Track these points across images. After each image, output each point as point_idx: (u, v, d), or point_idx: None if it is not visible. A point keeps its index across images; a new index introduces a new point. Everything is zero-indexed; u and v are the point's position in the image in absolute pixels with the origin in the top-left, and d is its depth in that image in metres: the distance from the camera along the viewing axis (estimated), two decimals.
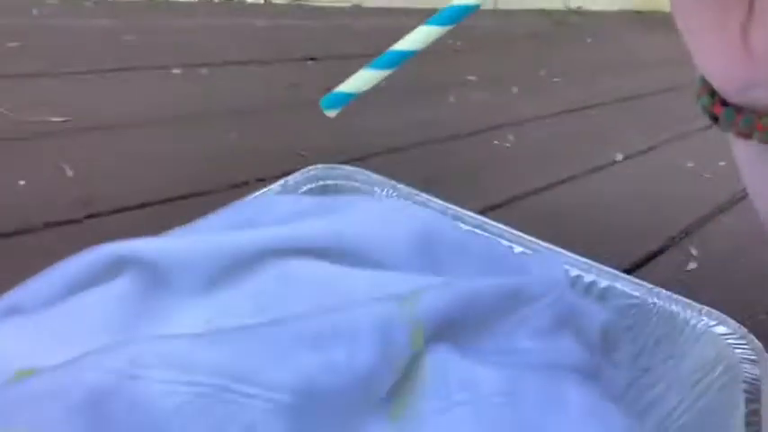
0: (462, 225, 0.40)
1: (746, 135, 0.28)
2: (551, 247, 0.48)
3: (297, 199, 0.37)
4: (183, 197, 0.68)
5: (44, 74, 0.98)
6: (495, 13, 2.26)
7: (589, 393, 0.26)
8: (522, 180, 0.92)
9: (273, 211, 0.35)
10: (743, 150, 0.32)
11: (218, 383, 0.23)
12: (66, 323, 0.30)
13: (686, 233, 0.88)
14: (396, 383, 0.27)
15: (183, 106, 0.96)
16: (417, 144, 0.98)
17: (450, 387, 0.25)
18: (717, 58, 0.27)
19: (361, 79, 0.25)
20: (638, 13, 2.98)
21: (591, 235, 0.81)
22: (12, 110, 0.83)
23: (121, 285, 0.32)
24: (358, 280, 0.30)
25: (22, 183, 0.67)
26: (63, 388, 0.22)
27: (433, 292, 0.29)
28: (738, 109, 0.28)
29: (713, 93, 0.30)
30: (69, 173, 0.70)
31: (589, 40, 2.17)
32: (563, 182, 0.96)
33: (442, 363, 0.27)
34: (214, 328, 0.31)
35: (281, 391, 0.23)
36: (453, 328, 0.29)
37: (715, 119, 0.29)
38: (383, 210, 0.33)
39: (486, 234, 0.40)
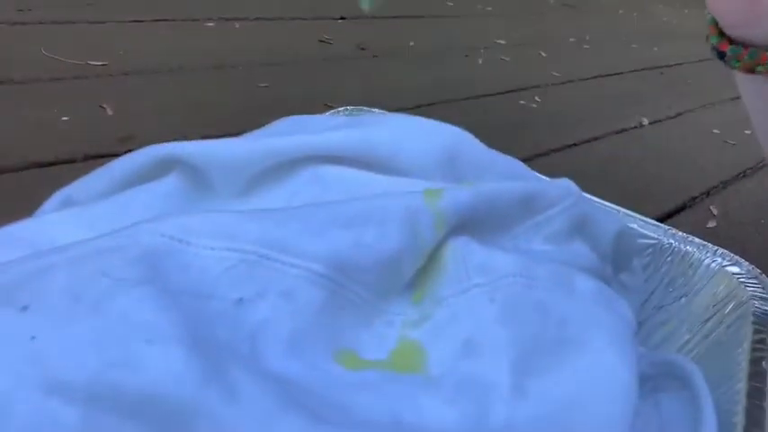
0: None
1: (751, 69, 0.31)
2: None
3: (331, 117, 0.39)
4: (216, 137, 0.71)
5: (83, 20, 1.01)
6: None
7: (596, 283, 0.28)
8: (546, 138, 0.93)
9: (309, 125, 0.37)
10: (749, 87, 0.35)
11: (262, 252, 0.25)
12: (116, 214, 0.33)
13: (708, 194, 0.89)
14: (418, 270, 0.29)
15: (216, 56, 0.98)
16: (444, 101, 0.99)
17: (468, 271, 0.28)
18: None
19: None
20: None
21: (612, 191, 0.82)
22: (54, 53, 0.86)
23: (168, 184, 0.35)
24: (386, 183, 0.32)
25: (64, 119, 0.70)
26: (120, 246, 0.24)
27: (456, 190, 0.31)
28: (744, 45, 0.30)
29: (722, 33, 0.32)
30: (110, 112, 0.73)
31: (621, 11, 2.15)
32: (587, 141, 0.97)
33: (461, 250, 0.29)
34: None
35: (317, 261, 0.25)
36: (474, 225, 0.31)
37: (723, 56, 0.31)
38: (414, 124, 0.35)
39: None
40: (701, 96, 1.34)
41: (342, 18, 1.31)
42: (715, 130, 1.16)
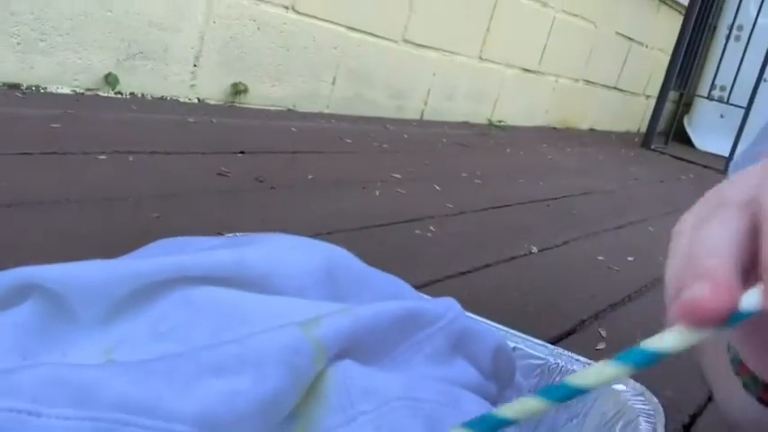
0: None
1: None
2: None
3: (209, 238, 0.38)
4: None
5: None
6: (422, 122, 2.39)
7: (482, 402, 0.27)
8: (441, 266, 0.95)
9: (186, 247, 0.36)
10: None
11: (118, 417, 0.23)
12: None
13: (596, 317, 0.92)
14: (299, 402, 0.27)
15: (107, 189, 0.96)
16: (341, 231, 1.00)
17: (352, 398, 0.26)
18: None
19: (526, 409, 0.21)
20: (555, 129, 3.19)
21: (505, 316, 0.83)
22: None
23: (22, 313, 0.32)
24: (260, 305, 0.31)
25: None
26: None
27: (334, 317, 0.30)
28: None
29: (756, 377, 0.28)
30: None
31: (509, 150, 2.30)
32: (480, 269, 0.99)
33: (342, 376, 0.28)
34: (114, 359, 0.31)
35: (182, 421, 0.24)
36: (354, 352, 0.30)
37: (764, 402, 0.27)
38: (290, 243, 0.34)
39: None
40: (586, 226, 1.42)
41: (241, 152, 1.33)
42: (600, 257, 1.22)
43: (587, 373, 0.21)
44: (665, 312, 0.22)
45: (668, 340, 0.21)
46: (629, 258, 1.26)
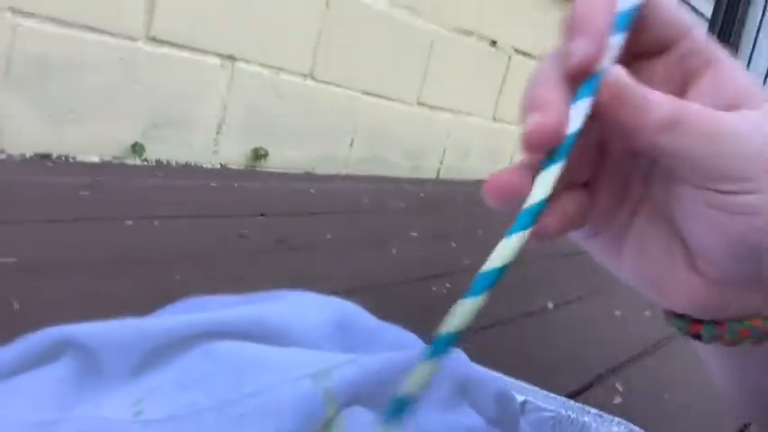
0: None
1: (734, 343, 0.26)
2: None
3: (229, 296, 0.41)
4: None
5: (2, 222, 1.02)
6: (438, 181, 2.43)
7: None
8: None
9: (208, 305, 0.38)
10: (721, 355, 0.29)
11: None
12: (7, 401, 0.32)
13: (613, 371, 0.92)
14: None
15: (133, 253, 0.99)
16: (360, 289, 1.02)
17: None
18: (681, 300, 0.26)
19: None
20: None
21: (522, 371, 0.84)
22: None
23: (59, 369, 0.35)
24: (277, 357, 0.34)
25: None
26: None
27: (344, 368, 0.32)
28: (715, 322, 0.26)
29: (679, 315, 0.27)
30: (16, 306, 0.72)
31: None
32: (497, 324, 1.00)
33: (353, 421, 0.30)
34: (143, 410, 0.34)
35: None
36: (364, 399, 0.32)
37: (697, 336, 0.26)
38: (304, 299, 0.37)
39: None
40: (602, 280, 1.43)
41: (262, 215, 1.37)
42: (616, 312, 1.23)
43: (453, 318, 0.22)
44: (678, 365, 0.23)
45: (502, 251, 0.23)
46: (647, 313, 1.27)
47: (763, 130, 0.21)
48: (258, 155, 1.83)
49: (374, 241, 1.35)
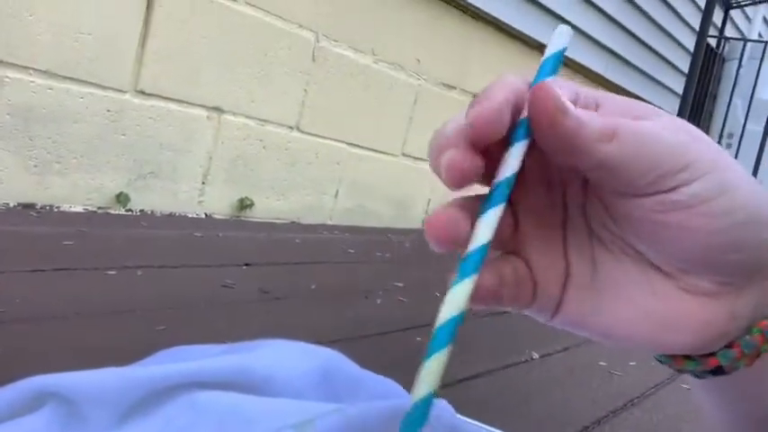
0: None
1: (755, 357, 0.25)
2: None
3: (213, 345, 0.41)
4: None
5: None
6: (422, 231, 2.44)
7: None
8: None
9: (192, 354, 0.38)
10: (726, 389, 0.27)
11: None
12: None
13: (599, 423, 0.92)
14: None
15: (116, 303, 0.99)
16: (344, 339, 1.02)
17: None
18: (688, 332, 0.24)
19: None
20: None
21: (507, 422, 0.84)
22: None
23: (41, 419, 0.34)
24: (260, 407, 0.33)
25: None
26: None
27: (327, 417, 0.32)
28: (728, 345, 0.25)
29: (689, 356, 0.26)
30: None
31: None
32: (482, 374, 1.00)
33: None
34: None
35: None
36: None
37: (719, 371, 0.25)
38: (288, 348, 0.37)
39: None
40: None
41: (246, 264, 1.37)
42: (601, 362, 1.23)
43: (421, 384, 0.21)
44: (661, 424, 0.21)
45: (453, 300, 0.22)
46: (631, 363, 1.27)
47: (676, 126, 0.23)
48: (244, 205, 1.83)
49: (359, 291, 1.35)
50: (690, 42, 3.75)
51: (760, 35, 5.04)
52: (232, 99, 1.73)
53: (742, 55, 4.00)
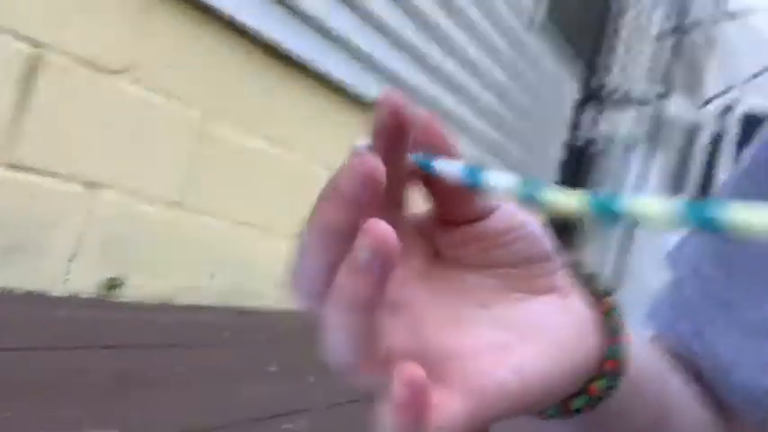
0: None
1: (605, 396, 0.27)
2: None
3: None
4: None
5: None
6: (305, 312, 2.42)
7: None
8: None
9: None
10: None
11: None
12: None
13: None
14: None
15: None
16: (205, 428, 0.98)
17: None
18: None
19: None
20: None
21: None
22: None
23: None
24: None
25: None
26: None
27: None
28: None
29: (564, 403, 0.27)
30: None
31: None
32: None
33: None
34: None
35: None
36: None
37: (599, 399, 0.27)
38: None
39: None
40: None
41: (107, 347, 1.30)
42: None
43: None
44: None
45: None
46: None
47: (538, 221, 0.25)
48: (113, 284, 1.76)
49: (228, 377, 1.31)
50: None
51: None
52: (108, 175, 1.68)
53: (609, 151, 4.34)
